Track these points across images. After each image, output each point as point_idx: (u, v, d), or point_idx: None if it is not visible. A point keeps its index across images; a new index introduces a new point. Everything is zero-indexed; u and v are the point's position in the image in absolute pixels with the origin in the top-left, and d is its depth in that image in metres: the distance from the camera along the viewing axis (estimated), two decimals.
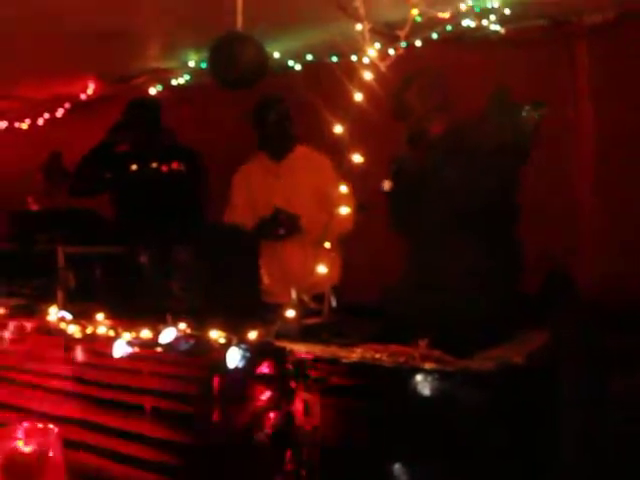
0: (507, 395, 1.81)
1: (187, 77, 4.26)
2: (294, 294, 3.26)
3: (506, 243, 2.71)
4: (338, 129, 2.34)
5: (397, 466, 1.83)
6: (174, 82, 4.30)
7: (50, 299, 3.06)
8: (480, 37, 3.50)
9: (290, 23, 3.53)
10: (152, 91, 4.33)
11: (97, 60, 4.12)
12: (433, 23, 3.07)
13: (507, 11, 3.28)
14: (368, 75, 2.42)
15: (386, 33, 3.11)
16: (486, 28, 3.29)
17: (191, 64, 4.15)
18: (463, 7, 3.04)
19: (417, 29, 2.98)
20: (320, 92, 3.93)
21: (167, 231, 3.22)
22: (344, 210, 2.96)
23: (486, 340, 2.17)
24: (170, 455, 2.21)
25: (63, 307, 2.74)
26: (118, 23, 3.48)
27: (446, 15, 2.88)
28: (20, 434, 1.44)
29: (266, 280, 3.38)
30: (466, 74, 3.52)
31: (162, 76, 4.30)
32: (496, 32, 3.39)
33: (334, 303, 2.85)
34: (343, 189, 2.32)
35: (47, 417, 2.20)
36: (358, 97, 2.31)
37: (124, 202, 3.77)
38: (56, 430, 1.50)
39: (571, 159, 3.64)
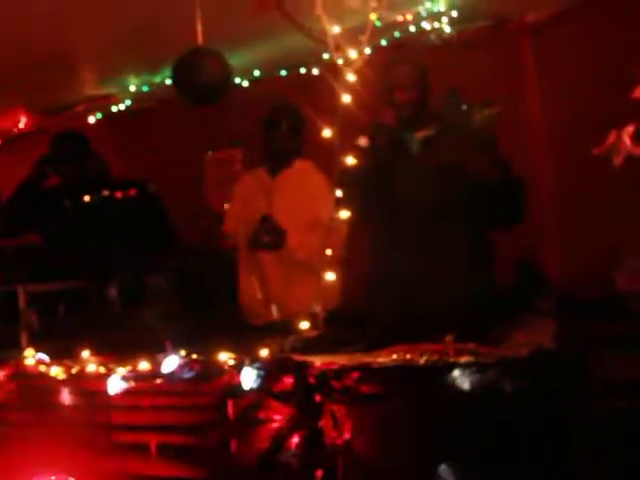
0: (546, 380, 1.78)
1: (128, 102, 4.10)
2: (275, 311, 3.18)
3: (482, 234, 2.72)
4: (327, 133, 2.30)
5: (444, 470, 1.77)
6: (114, 109, 4.12)
7: (13, 344, 2.85)
8: (428, 41, 3.55)
9: (240, 39, 3.46)
10: (91, 120, 4.15)
11: (28, 91, 3.90)
12: (390, 27, 3.10)
13: (454, 13, 3.35)
14: (348, 79, 2.40)
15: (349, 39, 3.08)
16: (437, 31, 3.34)
17: (132, 89, 4.00)
18: (418, 11, 3.07)
19: (377, 34, 3.01)
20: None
21: (135, 261, 3.05)
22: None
23: (496, 327, 2.16)
24: None
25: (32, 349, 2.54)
26: (49, 51, 3.30)
27: (409, 17, 2.89)
28: None
29: (246, 302, 3.27)
30: None
31: (101, 103, 4.12)
32: (443, 35, 3.45)
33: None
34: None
35: (54, 469, 2.00)
36: (346, 99, 2.28)
37: (69, 236, 3.55)
38: None
39: (525, 153, 3.73)
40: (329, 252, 2.84)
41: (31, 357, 2.43)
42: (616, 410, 2.71)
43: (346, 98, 2.30)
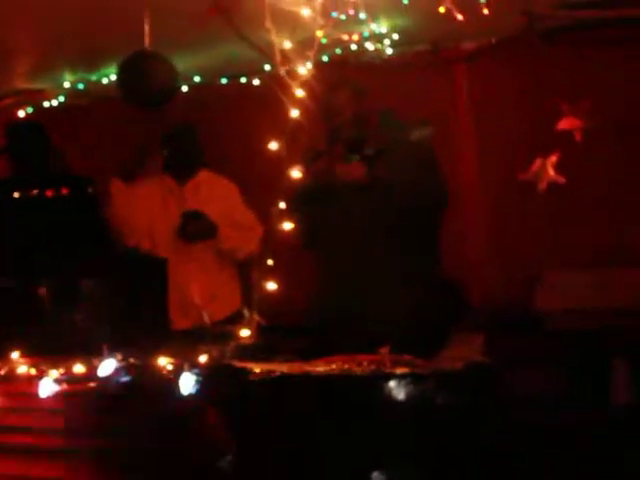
0: (478, 393, 1.88)
1: (62, 99, 4.00)
2: (206, 317, 3.18)
3: (426, 249, 2.84)
4: (273, 145, 2.33)
5: (379, 477, 1.83)
6: (46, 104, 4.02)
7: None
8: (367, 60, 3.66)
9: (184, 44, 3.45)
10: (21, 114, 4.02)
11: None
12: (335, 44, 3.17)
13: (395, 36, 3.46)
14: (294, 92, 2.44)
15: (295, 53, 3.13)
16: (378, 52, 3.45)
17: (66, 85, 3.91)
18: (362, 31, 3.16)
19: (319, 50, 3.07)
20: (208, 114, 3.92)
21: (67, 261, 2.98)
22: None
23: (430, 342, 2.26)
24: None
25: None
26: None
27: (355, 37, 2.97)
28: None
29: (174, 308, 3.26)
30: None
31: (32, 98, 4.01)
32: (383, 56, 3.56)
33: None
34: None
35: None
36: (293, 113, 2.32)
37: (4, 232, 3.44)
38: None
39: (455, 174, 3.88)
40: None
41: None
42: (522, 421, 2.89)
43: (294, 112, 2.34)
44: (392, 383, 1.86)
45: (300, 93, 2.43)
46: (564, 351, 3.42)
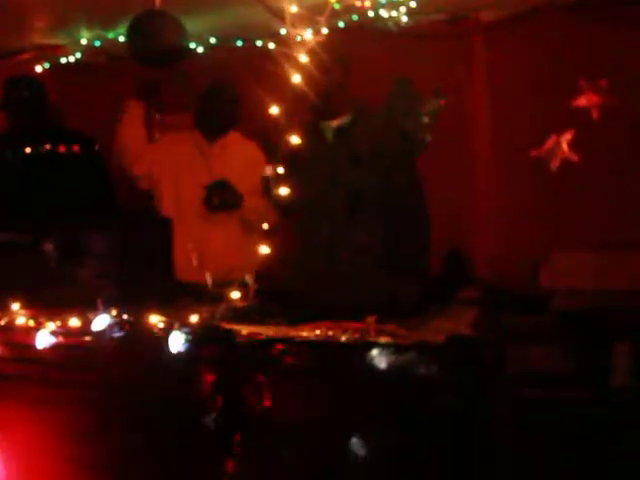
0: (460, 365, 1.89)
1: (78, 55, 4.02)
2: (209, 279, 3.22)
3: (408, 222, 2.84)
4: (274, 110, 2.33)
5: (355, 439, 1.87)
6: (63, 60, 4.04)
7: None
8: (384, 28, 3.61)
9: (197, 5, 3.44)
10: (38, 69, 4.05)
11: None
12: (349, 10, 3.14)
13: (413, 4, 3.41)
14: (299, 57, 2.43)
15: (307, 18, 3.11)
16: (394, 19, 3.40)
17: (83, 42, 3.92)
18: None
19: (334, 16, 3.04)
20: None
21: (74, 217, 3.04)
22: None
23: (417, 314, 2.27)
24: (113, 449, 2.11)
25: None
26: None
27: (367, 3, 2.93)
28: None
29: (183, 261, 3.31)
30: (369, 64, 3.61)
31: (50, 53, 4.03)
32: (399, 24, 3.51)
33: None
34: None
35: None
36: (296, 79, 2.32)
37: (14, 186, 3.50)
38: None
39: (466, 147, 3.85)
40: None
41: None
42: (530, 399, 2.90)
43: (296, 77, 2.33)
44: (374, 352, 1.88)
45: (305, 58, 2.42)
46: (566, 331, 3.41)
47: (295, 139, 2.30)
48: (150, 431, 2.07)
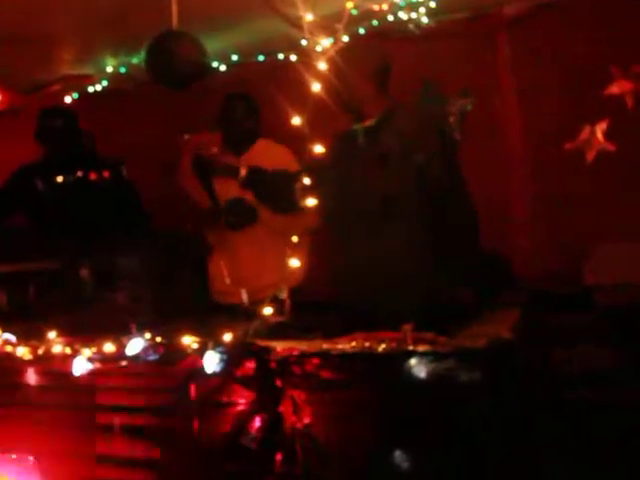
0: (503, 370, 1.83)
1: (105, 83, 4.07)
2: (245, 296, 3.20)
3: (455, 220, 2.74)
4: (296, 121, 2.30)
5: (400, 455, 1.81)
6: (91, 89, 4.09)
7: None
8: (405, 31, 3.56)
9: (216, 23, 3.45)
10: (67, 99, 4.11)
11: (3, 68, 3.86)
12: (368, 16, 3.10)
13: (433, 4, 3.35)
14: (319, 67, 2.39)
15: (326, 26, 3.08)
16: (414, 21, 3.35)
17: (109, 69, 3.97)
18: (395, 1, 3.08)
19: (353, 22, 3.01)
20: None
21: (108, 242, 3.06)
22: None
23: (458, 319, 2.20)
24: (149, 473, 2.09)
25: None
26: (27, 26, 3.27)
27: (385, 7, 2.89)
28: None
29: (215, 286, 3.30)
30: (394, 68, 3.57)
31: (77, 83, 4.09)
32: (420, 25, 3.46)
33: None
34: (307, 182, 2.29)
35: (16, 448, 2.02)
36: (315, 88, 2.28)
37: (49, 216, 3.54)
38: (32, 460, 1.37)
39: (499, 145, 3.77)
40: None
41: None
42: (579, 401, 2.79)
43: (316, 86, 2.30)
44: (412, 361, 1.82)
45: (324, 67, 2.39)
46: (614, 328, 3.29)
47: (320, 148, 2.25)
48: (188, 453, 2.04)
